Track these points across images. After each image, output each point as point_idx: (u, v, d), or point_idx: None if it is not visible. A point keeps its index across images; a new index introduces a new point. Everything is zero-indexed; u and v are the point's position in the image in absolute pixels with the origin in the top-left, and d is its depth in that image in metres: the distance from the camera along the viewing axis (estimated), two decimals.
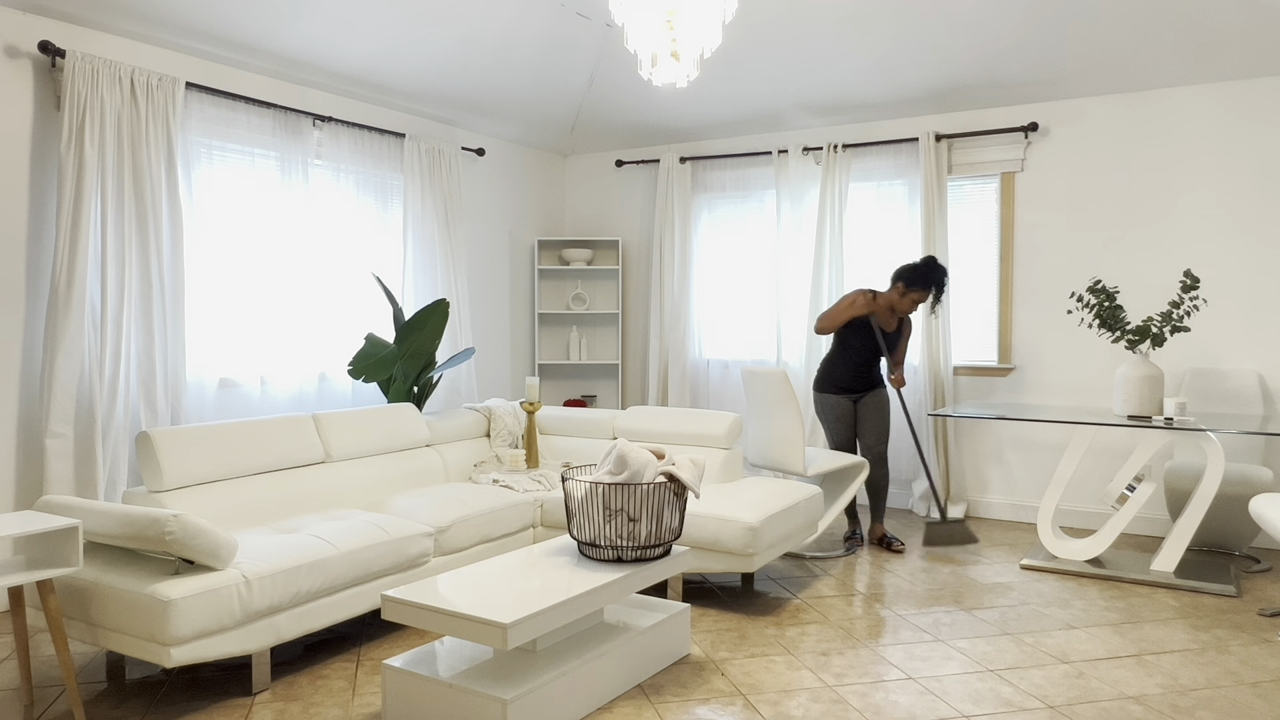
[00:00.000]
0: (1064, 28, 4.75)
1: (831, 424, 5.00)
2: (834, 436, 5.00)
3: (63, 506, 3.04)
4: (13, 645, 3.50)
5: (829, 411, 4.99)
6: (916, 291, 4.80)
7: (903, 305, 4.86)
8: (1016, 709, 2.92)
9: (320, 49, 4.72)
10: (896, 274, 4.86)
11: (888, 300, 4.89)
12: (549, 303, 7.03)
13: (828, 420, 5.01)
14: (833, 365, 5.00)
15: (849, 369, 4.94)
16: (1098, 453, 5.39)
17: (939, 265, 4.80)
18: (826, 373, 5.03)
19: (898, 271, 4.85)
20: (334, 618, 3.28)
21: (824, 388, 5.04)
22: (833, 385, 4.99)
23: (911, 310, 4.87)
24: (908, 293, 4.81)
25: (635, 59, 5.53)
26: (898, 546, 4.88)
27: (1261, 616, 3.81)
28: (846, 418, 4.97)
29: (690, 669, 3.26)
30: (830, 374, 5.00)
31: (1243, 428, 4.02)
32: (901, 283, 4.82)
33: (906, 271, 4.81)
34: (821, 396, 5.03)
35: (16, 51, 3.87)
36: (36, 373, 3.96)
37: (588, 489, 3.11)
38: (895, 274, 4.86)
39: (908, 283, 4.80)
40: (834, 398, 4.97)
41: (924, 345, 5.72)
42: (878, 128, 6.00)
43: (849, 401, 4.97)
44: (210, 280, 4.57)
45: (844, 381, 4.96)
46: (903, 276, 4.82)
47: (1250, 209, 4.99)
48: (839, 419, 4.97)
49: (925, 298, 4.81)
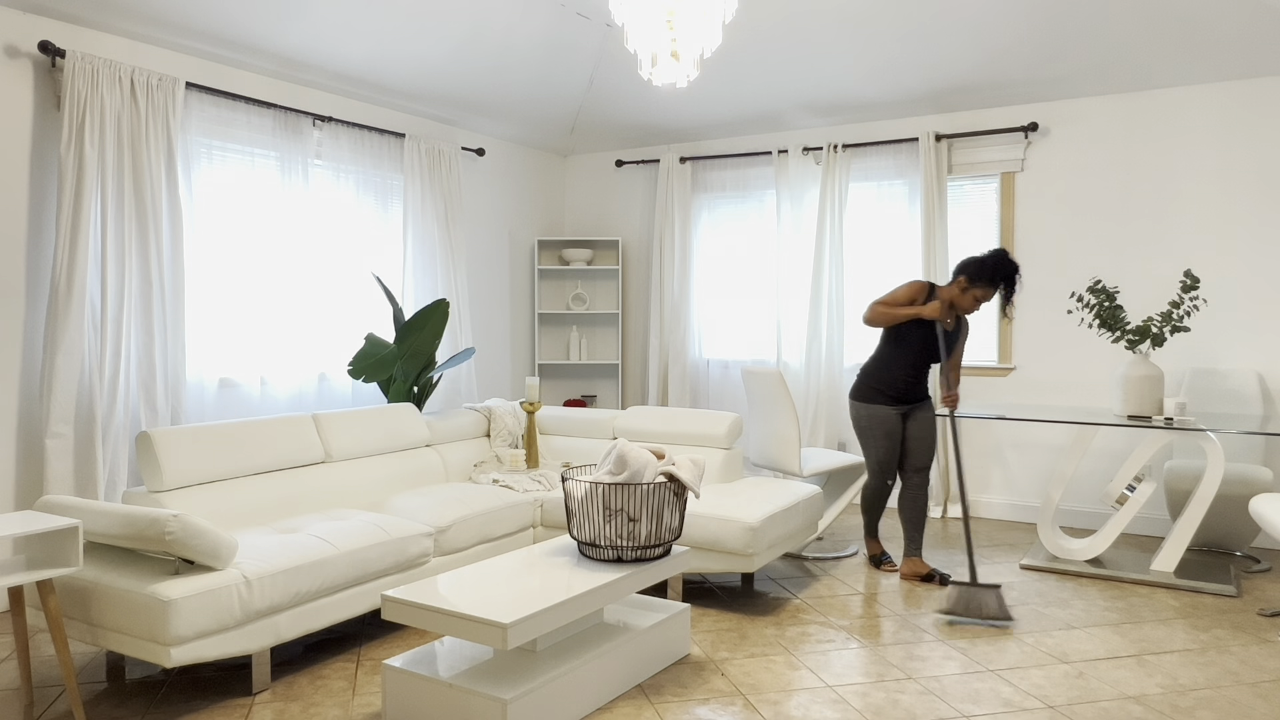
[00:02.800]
0: (1064, 28, 4.75)
1: (878, 440, 4.29)
2: (878, 454, 4.30)
3: (63, 506, 3.04)
4: (13, 645, 3.50)
5: (876, 425, 4.28)
6: (981, 288, 4.14)
7: (964, 303, 4.19)
8: (1016, 709, 2.92)
9: (320, 49, 4.72)
10: (960, 267, 4.20)
11: (947, 296, 4.22)
12: (549, 303, 7.03)
13: (874, 435, 4.29)
14: (881, 370, 4.30)
15: (902, 375, 4.26)
16: (1098, 453, 5.39)
17: (1010, 259, 4.14)
18: (873, 379, 4.32)
19: (961, 264, 4.20)
20: (334, 618, 3.28)
21: (869, 396, 4.31)
22: (881, 394, 4.29)
23: (973, 309, 4.21)
24: (970, 289, 4.15)
25: (635, 59, 5.53)
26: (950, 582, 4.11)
27: (1261, 616, 3.81)
28: (896, 433, 4.28)
29: (690, 669, 3.26)
30: (878, 380, 4.30)
31: (1243, 428, 4.02)
32: (964, 277, 4.16)
33: (971, 265, 4.16)
34: (867, 408, 4.31)
35: (16, 51, 3.87)
36: (36, 373, 3.96)
37: (588, 489, 3.11)
38: (958, 267, 4.21)
39: (971, 277, 4.14)
40: (883, 409, 4.28)
41: None
42: (878, 128, 6.00)
43: (898, 415, 4.29)
44: (210, 280, 4.57)
45: (895, 389, 4.28)
46: (966, 270, 4.16)
47: (1250, 209, 4.99)
48: (888, 435, 4.28)
49: (990, 295, 4.16)
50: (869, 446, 4.33)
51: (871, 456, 4.34)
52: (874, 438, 4.31)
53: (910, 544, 4.32)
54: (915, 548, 4.32)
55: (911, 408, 4.34)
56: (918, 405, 4.36)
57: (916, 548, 4.32)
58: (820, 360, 6.01)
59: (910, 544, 4.32)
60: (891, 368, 4.27)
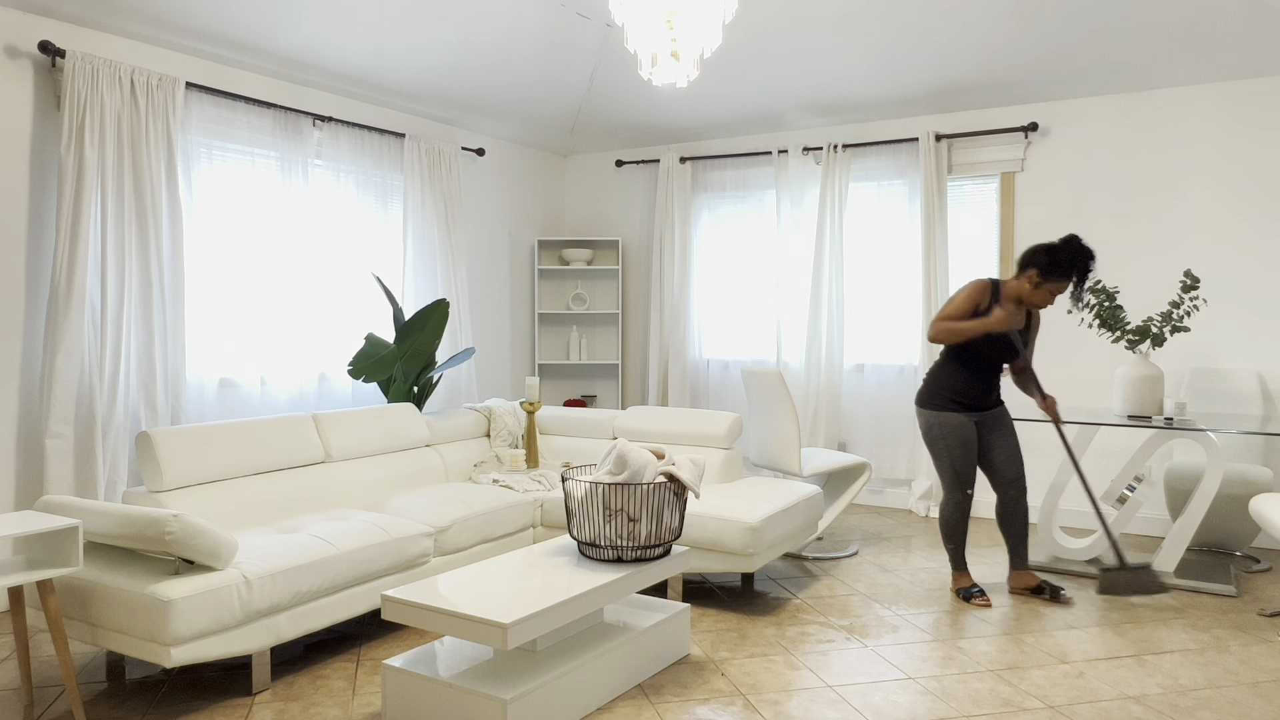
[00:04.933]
0: (1064, 28, 4.75)
1: (952, 449, 3.95)
2: (954, 464, 3.95)
3: (63, 506, 3.04)
4: (13, 645, 3.50)
5: (950, 434, 3.94)
6: (1055, 281, 3.78)
7: (1036, 298, 3.84)
8: (1016, 709, 2.92)
9: (320, 49, 4.72)
10: (1028, 258, 3.85)
11: (1014, 292, 3.88)
12: (549, 303, 7.03)
13: (947, 445, 3.95)
14: (948, 375, 3.98)
15: (975, 378, 3.94)
16: (1098, 453, 5.39)
17: (1084, 246, 3.77)
18: (941, 384, 3.99)
19: (1030, 255, 3.84)
20: (334, 618, 3.28)
21: (938, 403, 3.98)
22: (952, 400, 3.96)
23: (1047, 304, 3.86)
24: (1044, 283, 3.80)
25: (635, 59, 5.53)
26: (1066, 598, 3.98)
27: (1261, 616, 3.81)
28: (972, 441, 3.95)
29: (690, 669, 3.26)
30: (948, 384, 3.97)
31: (1243, 428, 4.02)
32: (1035, 270, 3.81)
33: (1043, 256, 3.79)
34: (937, 415, 3.97)
35: (16, 51, 3.87)
36: (36, 373, 3.96)
37: (588, 489, 3.11)
38: (1026, 257, 3.86)
39: (1044, 271, 3.78)
40: (954, 416, 3.94)
41: (924, 345, 5.72)
42: (878, 128, 6.00)
43: (971, 422, 3.97)
44: (210, 280, 4.57)
45: (968, 395, 3.94)
46: (1036, 262, 3.81)
47: (1250, 209, 4.99)
48: (964, 443, 3.93)
49: (1065, 288, 3.82)
50: (941, 457, 3.96)
51: (945, 468, 3.97)
52: (947, 446, 3.94)
53: (1015, 556, 4.08)
54: (1021, 560, 4.08)
55: (985, 414, 4.02)
56: (993, 411, 4.03)
57: (1022, 560, 4.08)
58: (820, 360, 6.01)
59: (1015, 556, 4.08)
60: (959, 372, 3.95)
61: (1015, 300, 3.90)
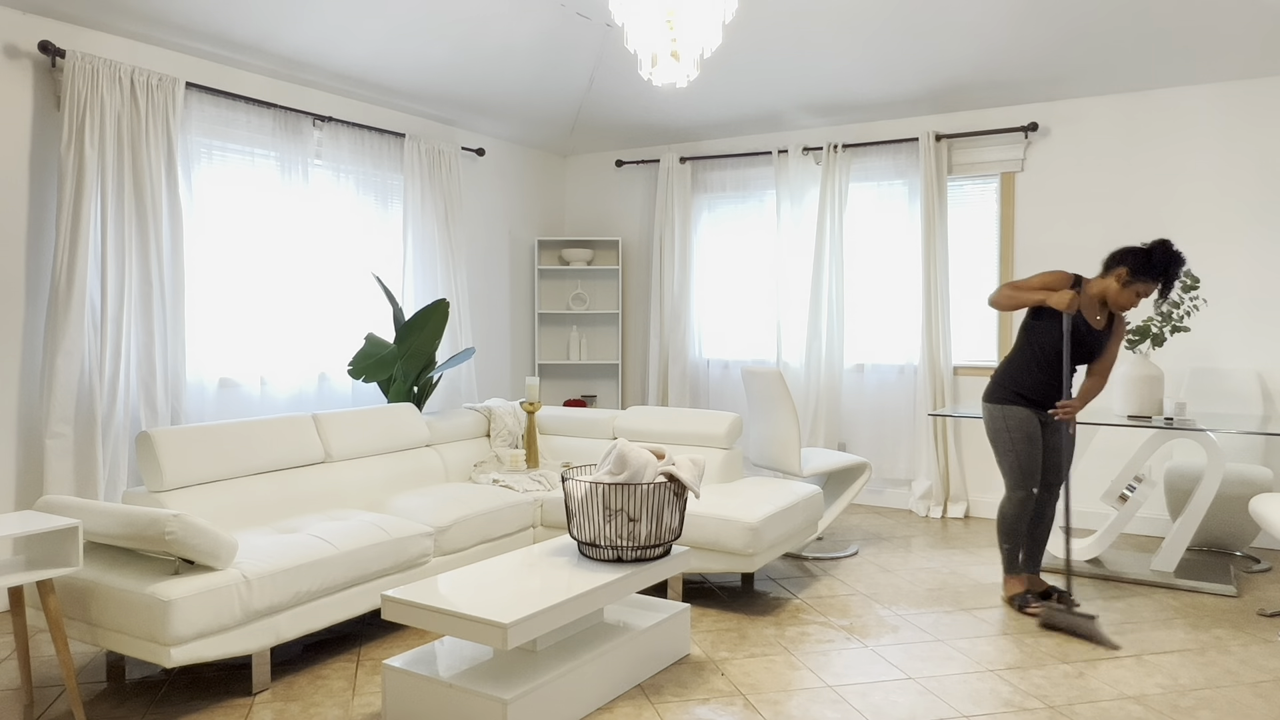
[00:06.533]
0: (1064, 28, 4.75)
1: (1017, 443, 3.85)
2: (1019, 459, 3.86)
3: (63, 506, 3.04)
4: (13, 645, 3.50)
5: (1016, 428, 3.85)
6: (1143, 282, 3.69)
7: (1122, 299, 3.75)
8: (1016, 709, 2.92)
9: (320, 49, 4.72)
10: (1117, 257, 3.76)
11: (1099, 290, 3.81)
12: (549, 303, 7.03)
13: (1012, 439, 3.86)
14: (1015, 370, 3.92)
15: (1038, 376, 3.87)
16: (1098, 453, 5.39)
17: (1176, 250, 3.69)
18: (1007, 379, 3.93)
19: (1121, 253, 3.75)
20: (334, 618, 3.28)
21: (1004, 397, 3.92)
22: (1019, 395, 3.89)
23: (1132, 305, 3.77)
24: (1132, 282, 3.71)
25: (635, 59, 5.53)
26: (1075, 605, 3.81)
27: (1261, 616, 3.80)
28: (1037, 437, 3.86)
29: (690, 669, 3.26)
30: (1016, 379, 3.90)
31: (1243, 428, 4.02)
32: (1125, 269, 3.71)
33: (1135, 256, 3.70)
34: (1001, 409, 3.90)
35: (16, 51, 3.87)
36: (36, 373, 3.96)
37: (588, 489, 3.11)
38: (1115, 257, 3.77)
39: (1134, 270, 3.69)
40: (1020, 410, 3.87)
41: (924, 344, 5.72)
42: (877, 128, 6.00)
43: (1037, 418, 3.89)
44: (210, 280, 4.57)
45: (1035, 391, 3.88)
46: (1126, 261, 3.72)
47: (1250, 209, 4.99)
48: (1029, 438, 3.85)
49: (1152, 291, 3.73)
50: (1005, 453, 3.87)
51: (1009, 464, 3.87)
52: (1013, 441, 3.86)
53: (1029, 559, 4.05)
54: (1034, 564, 4.04)
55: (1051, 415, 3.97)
56: None
57: (1035, 564, 4.04)
58: (820, 360, 6.01)
59: (1029, 559, 4.05)
60: (1026, 368, 3.89)
61: (1099, 298, 3.83)
